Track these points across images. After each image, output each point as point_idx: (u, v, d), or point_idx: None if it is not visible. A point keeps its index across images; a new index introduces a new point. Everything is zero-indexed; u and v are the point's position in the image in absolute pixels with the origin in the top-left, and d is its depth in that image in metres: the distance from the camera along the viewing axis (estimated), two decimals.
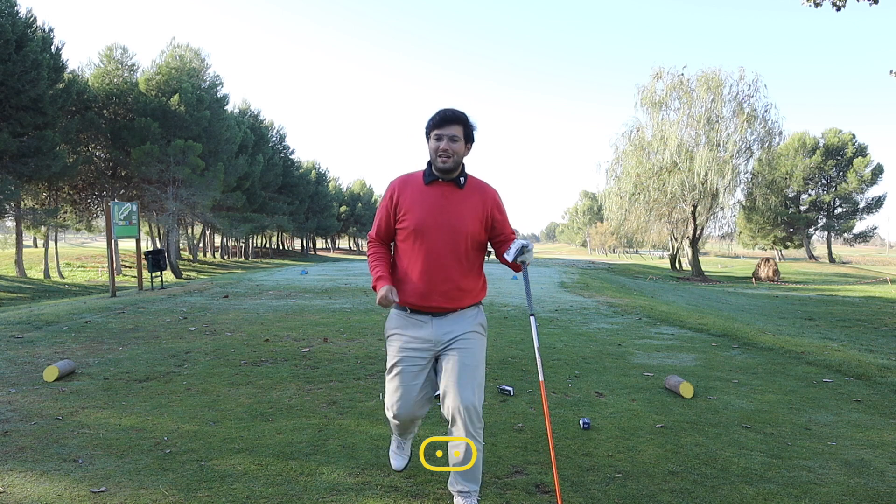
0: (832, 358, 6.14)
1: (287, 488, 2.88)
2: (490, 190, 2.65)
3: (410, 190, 2.57)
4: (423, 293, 2.54)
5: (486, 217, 2.60)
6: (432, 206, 2.53)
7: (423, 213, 2.52)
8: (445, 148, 2.47)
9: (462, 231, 2.52)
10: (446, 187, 2.56)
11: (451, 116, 2.49)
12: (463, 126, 2.51)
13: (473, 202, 2.57)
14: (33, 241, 47.66)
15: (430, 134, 2.53)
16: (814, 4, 9.03)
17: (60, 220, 35.60)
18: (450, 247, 2.52)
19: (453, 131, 2.49)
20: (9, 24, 25.71)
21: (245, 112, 52.13)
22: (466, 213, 2.55)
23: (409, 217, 2.53)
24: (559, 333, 7.69)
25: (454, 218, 2.53)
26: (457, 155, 2.50)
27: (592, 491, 2.89)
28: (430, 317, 2.58)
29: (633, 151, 37.73)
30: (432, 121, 2.52)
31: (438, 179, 2.55)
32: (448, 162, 2.49)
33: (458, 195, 2.56)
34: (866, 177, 59.24)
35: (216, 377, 5.05)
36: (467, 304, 2.60)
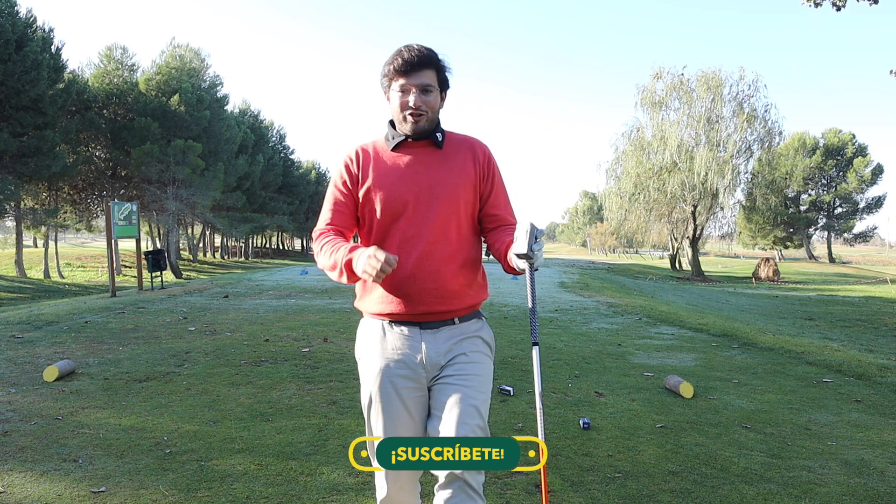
0: (832, 358, 6.14)
1: (287, 488, 2.88)
2: (479, 144, 1.99)
3: (373, 158, 1.92)
4: (405, 295, 1.84)
5: (478, 180, 1.94)
6: (406, 174, 1.88)
7: (396, 185, 1.86)
8: (417, 104, 1.81)
9: (451, 202, 1.87)
10: (421, 149, 1.90)
11: (419, 59, 1.81)
12: (436, 70, 1.85)
13: (460, 162, 1.92)
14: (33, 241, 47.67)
15: (390, 84, 1.87)
16: (814, 4, 9.03)
17: (60, 220, 35.61)
18: (436, 226, 1.85)
19: (424, 79, 1.82)
20: (9, 24, 25.71)
21: (245, 112, 52.14)
22: (453, 177, 1.89)
23: (377, 192, 1.87)
24: (559, 333, 7.69)
25: (438, 186, 1.87)
26: (432, 110, 1.85)
27: (592, 491, 2.89)
28: (418, 329, 1.87)
29: (633, 151, 37.72)
30: (393, 67, 1.83)
31: (408, 140, 1.90)
32: (422, 121, 1.83)
33: (438, 156, 1.90)
34: (866, 177, 59.26)
35: (216, 377, 5.05)
36: (467, 304, 1.91)
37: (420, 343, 1.87)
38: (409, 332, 1.88)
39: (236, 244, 62.77)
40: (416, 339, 1.87)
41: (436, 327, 1.88)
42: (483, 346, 1.94)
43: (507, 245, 1.82)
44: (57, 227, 35.62)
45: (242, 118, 48.75)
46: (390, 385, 1.85)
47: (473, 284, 1.95)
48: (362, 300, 1.97)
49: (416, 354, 1.86)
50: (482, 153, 1.97)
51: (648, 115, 37.22)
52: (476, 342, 1.92)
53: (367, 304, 1.94)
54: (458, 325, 1.90)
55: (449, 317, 1.89)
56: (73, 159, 31.58)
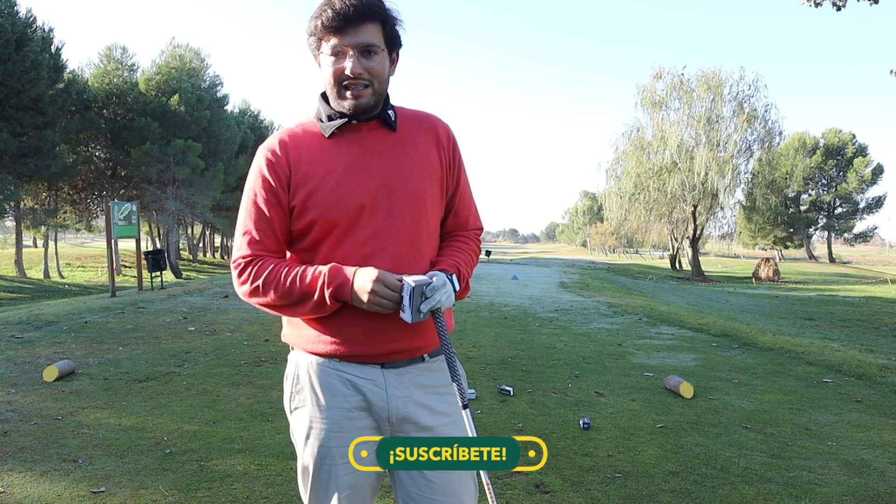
0: (832, 358, 6.14)
1: (287, 488, 2.87)
2: (441, 123, 1.53)
3: (306, 151, 1.42)
4: (367, 330, 1.39)
5: (444, 170, 1.49)
6: (354, 168, 1.40)
7: (342, 186, 1.39)
8: (358, 71, 1.34)
9: (417, 202, 1.43)
10: (368, 133, 1.43)
11: (356, 9, 1.32)
12: (382, 23, 1.37)
13: (422, 148, 1.47)
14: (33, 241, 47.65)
15: (319, 46, 1.38)
16: (814, 4, 9.03)
17: (60, 220, 35.62)
18: (401, 236, 1.41)
19: (365, 36, 1.34)
20: (9, 24, 25.70)
21: (245, 112, 52.13)
22: (416, 168, 1.44)
23: (316, 198, 1.39)
24: (559, 333, 7.69)
25: (399, 182, 1.42)
26: (378, 80, 1.38)
27: (592, 491, 2.89)
28: (380, 368, 1.42)
29: (633, 151, 37.72)
30: (321, 22, 1.34)
31: (351, 122, 1.41)
32: (366, 94, 1.37)
33: (393, 141, 1.45)
34: (866, 177, 59.25)
35: (216, 377, 5.05)
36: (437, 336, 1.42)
37: (384, 389, 1.41)
38: (367, 374, 1.41)
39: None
40: (378, 382, 1.42)
41: (402, 366, 1.43)
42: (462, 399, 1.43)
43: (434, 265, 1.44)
44: (57, 227, 35.63)
45: (242, 118, 48.76)
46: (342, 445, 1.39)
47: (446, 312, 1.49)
48: (296, 335, 1.46)
49: (377, 402, 1.41)
50: (445, 135, 1.51)
51: (648, 115, 37.23)
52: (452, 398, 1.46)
53: (305, 338, 1.44)
54: (427, 362, 1.46)
55: (418, 353, 1.45)
56: (72, 159, 31.58)
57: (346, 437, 1.40)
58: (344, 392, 1.42)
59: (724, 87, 34.99)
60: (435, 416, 1.45)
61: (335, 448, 1.41)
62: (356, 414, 1.42)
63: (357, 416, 1.42)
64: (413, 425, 1.44)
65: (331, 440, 1.41)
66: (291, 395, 1.49)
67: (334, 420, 1.41)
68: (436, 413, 1.45)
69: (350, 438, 1.38)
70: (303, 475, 1.47)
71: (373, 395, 1.41)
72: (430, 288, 1.32)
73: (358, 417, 1.42)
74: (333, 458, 1.41)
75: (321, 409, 1.42)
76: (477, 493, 1.50)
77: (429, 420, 1.44)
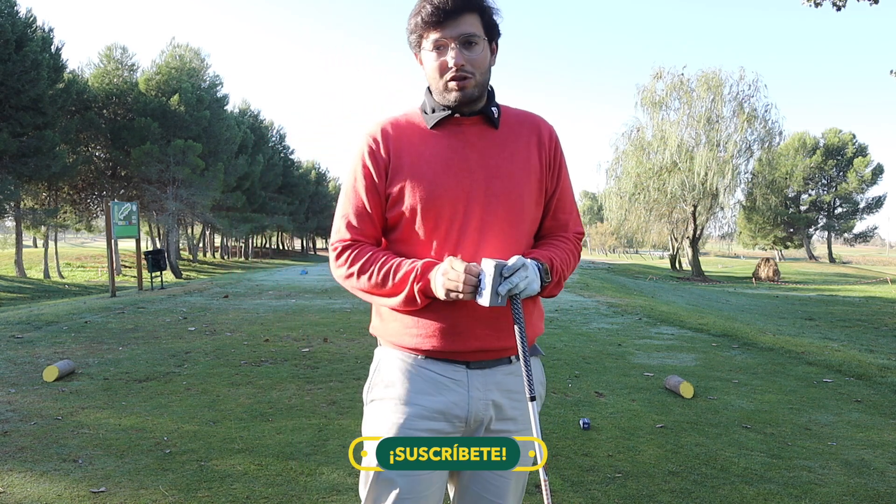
0: (832, 358, 6.14)
1: (287, 488, 2.87)
2: (545, 124, 1.51)
3: (408, 139, 1.43)
4: (452, 326, 1.38)
5: (544, 170, 1.47)
6: (453, 162, 1.40)
7: (440, 178, 1.39)
8: (461, 63, 1.35)
9: (514, 201, 1.41)
10: (471, 128, 1.43)
11: (453, 3, 1.33)
12: (480, 13, 1.38)
13: (523, 147, 1.45)
14: (33, 241, 47.65)
15: (420, 42, 1.40)
16: (814, 4, 9.03)
17: (60, 220, 35.61)
18: (495, 234, 1.40)
19: (465, 27, 1.35)
20: (9, 24, 25.71)
21: (245, 112, 52.13)
22: (516, 167, 1.43)
23: (414, 188, 1.39)
24: (559, 333, 7.69)
25: (497, 179, 1.41)
26: (480, 70, 1.37)
27: (592, 491, 2.89)
28: (465, 368, 1.40)
29: (633, 151, 37.71)
30: (420, 18, 1.36)
31: (453, 115, 1.41)
32: (470, 85, 1.36)
33: (495, 139, 1.44)
34: (866, 177, 59.25)
35: (216, 377, 5.05)
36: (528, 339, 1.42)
37: (466, 389, 1.40)
38: (451, 373, 1.40)
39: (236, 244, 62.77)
40: (461, 382, 1.40)
41: (488, 367, 1.41)
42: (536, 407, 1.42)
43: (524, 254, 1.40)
44: (57, 227, 35.63)
45: (242, 118, 48.75)
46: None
47: (535, 311, 1.49)
48: (384, 327, 1.46)
49: (458, 404, 1.39)
50: (549, 136, 1.49)
51: (648, 115, 37.21)
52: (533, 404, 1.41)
53: (394, 332, 1.43)
54: (514, 364, 1.44)
55: (506, 354, 1.42)
56: (72, 159, 31.58)
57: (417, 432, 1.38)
58: (425, 390, 1.39)
59: (724, 87, 34.98)
60: (503, 421, 1.44)
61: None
62: (432, 415, 1.39)
63: (433, 418, 1.39)
64: (484, 428, 1.43)
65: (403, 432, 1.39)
66: (371, 387, 1.48)
67: (409, 417, 1.39)
68: (505, 419, 1.44)
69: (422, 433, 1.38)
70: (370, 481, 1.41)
71: (454, 395, 1.39)
72: (508, 268, 1.27)
73: (433, 418, 1.39)
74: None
75: (397, 406, 1.40)
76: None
77: (496, 425, 1.43)
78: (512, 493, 1.47)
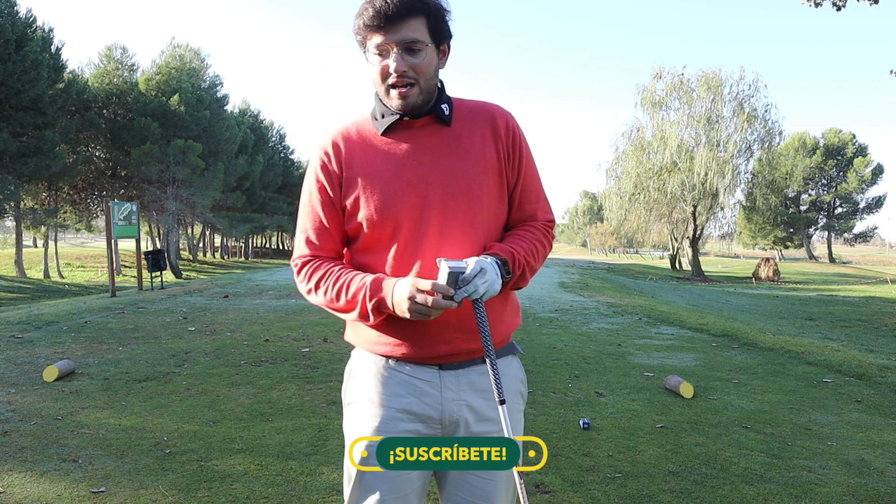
0: (832, 358, 6.14)
1: (287, 488, 2.87)
2: (500, 111, 1.47)
3: (359, 149, 1.40)
4: (420, 331, 1.38)
5: (503, 162, 1.43)
6: (406, 166, 1.37)
7: (393, 185, 1.37)
8: (402, 69, 1.31)
9: (472, 200, 1.38)
10: (421, 129, 1.40)
11: (398, 5, 1.28)
12: (426, 16, 1.32)
13: (478, 142, 1.41)
14: (33, 241, 47.66)
15: (364, 44, 1.36)
16: (814, 4, 9.03)
17: (60, 220, 35.63)
18: (455, 235, 1.37)
19: (408, 32, 1.30)
20: (9, 24, 25.72)
21: (245, 112, 52.15)
22: (471, 163, 1.39)
23: (368, 197, 1.37)
24: (559, 333, 7.69)
25: (451, 179, 1.37)
26: (425, 77, 1.33)
27: (592, 491, 2.89)
28: (437, 370, 1.41)
29: (633, 151, 37.71)
30: (363, 21, 1.31)
31: (403, 119, 1.38)
32: (412, 94, 1.33)
33: (447, 137, 1.40)
34: (866, 177, 59.26)
35: (216, 377, 5.05)
36: (500, 337, 1.44)
37: (439, 391, 1.39)
38: (424, 374, 1.40)
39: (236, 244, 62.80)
40: (434, 384, 1.40)
41: (460, 367, 1.41)
42: (519, 405, 1.48)
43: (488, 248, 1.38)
44: (57, 227, 35.64)
45: (242, 118, 48.77)
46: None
47: (507, 307, 1.47)
48: (356, 332, 1.47)
49: (431, 406, 1.39)
50: (505, 124, 1.44)
51: (648, 115, 37.21)
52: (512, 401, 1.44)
53: (364, 338, 1.45)
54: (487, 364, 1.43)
55: (478, 355, 1.41)
56: (72, 159, 31.60)
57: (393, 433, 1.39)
58: (397, 392, 1.40)
59: (724, 87, 34.98)
60: (483, 422, 1.42)
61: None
62: (407, 416, 1.39)
63: (408, 419, 1.39)
64: (462, 429, 1.42)
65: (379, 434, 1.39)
66: (347, 390, 1.49)
67: (384, 420, 1.39)
68: (485, 420, 1.42)
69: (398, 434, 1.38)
70: (348, 472, 1.43)
71: (427, 396, 1.40)
72: (464, 278, 1.25)
73: (409, 420, 1.39)
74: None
75: (373, 407, 1.41)
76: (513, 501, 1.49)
77: (476, 426, 1.42)
78: (502, 496, 1.44)
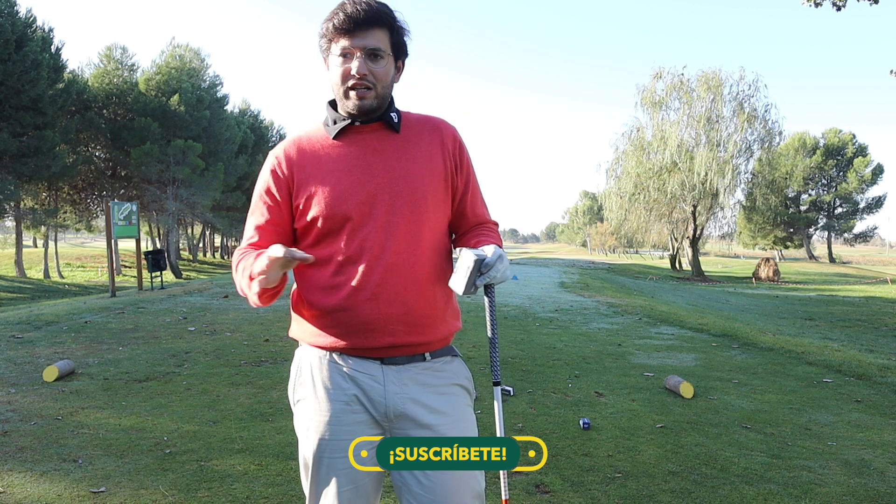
0: (832, 358, 6.14)
1: (287, 488, 2.87)
2: (446, 126, 1.57)
3: (310, 154, 1.49)
4: (364, 323, 1.43)
5: (449, 171, 1.53)
6: (356, 167, 1.46)
7: (343, 184, 1.45)
8: (363, 72, 1.41)
9: (418, 201, 1.47)
10: (371, 134, 1.49)
11: (366, 14, 1.41)
12: (389, 31, 1.45)
13: (424, 149, 1.51)
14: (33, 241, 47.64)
15: (329, 47, 1.46)
16: (814, 4, 9.03)
17: (60, 220, 35.61)
18: (402, 233, 1.45)
19: (372, 41, 1.42)
20: (9, 24, 25.70)
21: (245, 112, 52.13)
22: (418, 167, 1.48)
23: (319, 196, 1.45)
24: (559, 333, 7.69)
25: (400, 181, 1.46)
26: (382, 83, 1.45)
27: (592, 491, 2.89)
28: (379, 364, 1.46)
29: (633, 151, 37.72)
30: (332, 24, 1.43)
31: (354, 124, 1.48)
32: (369, 97, 1.43)
33: (395, 143, 1.50)
34: (866, 177, 59.23)
35: (216, 377, 5.05)
36: (441, 335, 1.50)
37: (382, 384, 1.44)
38: (366, 368, 1.45)
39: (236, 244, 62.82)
40: (376, 377, 1.45)
41: (401, 363, 1.46)
42: (464, 398, 1.53)
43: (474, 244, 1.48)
44: (57, 227, 35.62)
45: (242, 118, 48.75)
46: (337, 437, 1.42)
47: (448, 308, 1.53)
48: (301, 327, 1.54)
49: (374, 398, 1.44)
50: (451, 138, 1.55)
51: (648, 115, 37.23)
52: (454, 398, 1.49)
53: (308, 332, 1.50)
54: (428, 361, 1.49)
55: (419, 350, 1.47)
56: (72, 159, 31.57)
57: (344, 431, 1.43)
58: (343, 385, 1.45)
59: (724, 87, 34.99)
60: (434, 414, 1.46)
61: (334, 441, 1.43)
62: (355, 407, 1.44)
63: (356, 410, 1.44)
64: (411, 423, 1.45)
65: (329, 433, 1.44)
66: (294, 388, 1.54)
67: (333, 413, 1.44)
68: (435, 412, 1.46)
69: (349, 432, 1.42)
70: (304, 468, 1.49)
71: (371, 389, 1.44)
72: (487, 263, 1.36)
73: (357, 411, 1.44)
74: (332, 452, 1.43)
75: (320, 402, 1.46)
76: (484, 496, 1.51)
77: (428, 418, 1.45)
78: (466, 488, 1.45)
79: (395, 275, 1.42)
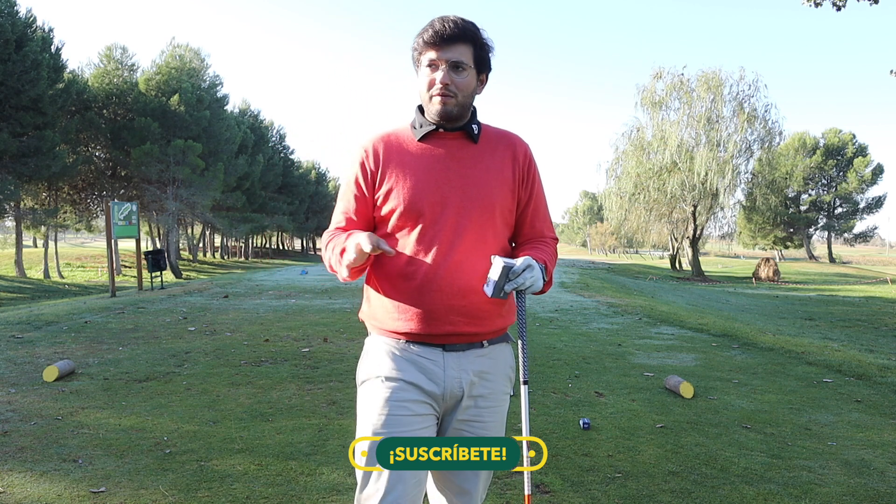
0: (832, 358, 6.14)
1: (287, 488, 2.87)
2: (520, 142, 1.72)
3: (395, 151, 1.65)
4: (428, 311, 1.58)
5: (517, 183, 1.68)
6: (435, 170, 1.61)
7: (421, 183, 1.60)
8: (446, 82, 1.56)
9: (487, 207, 1.61)
10: (452, 141, 1.64)
11: (453, 31, 1.56)
12: (473, 46, 1.59)
13: (498, 161, 1.66)
14: (33, 241, 47.64)
15: (419, 59, 1.62)
16: (814, 4, 9.03)
17: (60, 220, 35.61)
18: (470, 234, 1.59)
19: (457, 54, 1.57)
20: (9, 24, 25.71)
21: (245, 112, 52.12)
22: (490, 177, 1.63)
23: (399, 192, 1.60)
24: (559, 333, 7.69)
25: (473, 187, 1.61)
26: (463, 93, 1.59)
27: (592, 491, 2.89)
28: (441, 351, 1.61)
29: (633, 151, 37.71)
30: (423, 38, 1.59)
31: (438, 130, 1.64)
32: (451, 104, 1.58)
33: (472, 151, 1.65)
34: (866, 177, 59.24)
35: (216, 377, 5.05)
36: (498, 326, 1.67)
37: (442, 369, 1.60)
38: (429, 354, 1.61)
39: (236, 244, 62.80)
40: (437, 363, 1.60)
41: (461, 350, 1.62)
42: (507, 388, 1.74)
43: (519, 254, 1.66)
44: (57, 227, 35.62)
45: (242, 118, 48.75)
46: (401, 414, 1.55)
47: (505, 304, 1.68)
48: (371, 312, 1.69)
49: (435, 382, 1.60)
50: (523, 153, 1.70)
51: (648, 115, 37.20)
52: (501, 383, 1.71)
53: (378, 317, 1.66)
54: (486, 348, 1.66)
55: (477, 339, 1.64)
56: (72, 159, 31.58)
57: (404, 407, 1.56)
58: (405, 368, 1.60)
59: (724, 87, 34.97)
60: (472, 398, 1.64)
61: (393, 417, 1.55)
62: (413, 388, 1.58)
63: (414, 391, 1.58)
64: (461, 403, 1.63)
65: (390, 409, 1.55)
66: (360, 370, 1.69)
67: (395, 390, 1.57)
68: (474, 396, 1.64)
69: (409, 409, 1.56)
70: (360, 447, 1.55)
71: (432, 374, 1.60)
72: (514, 271, 1.49)
73: (415, 391, 1.58)
74: (391, 427, 1.54)
75: (384, 382, 1.59)
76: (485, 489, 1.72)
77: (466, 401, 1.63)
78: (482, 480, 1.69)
79: (460, 272, 1.57)
